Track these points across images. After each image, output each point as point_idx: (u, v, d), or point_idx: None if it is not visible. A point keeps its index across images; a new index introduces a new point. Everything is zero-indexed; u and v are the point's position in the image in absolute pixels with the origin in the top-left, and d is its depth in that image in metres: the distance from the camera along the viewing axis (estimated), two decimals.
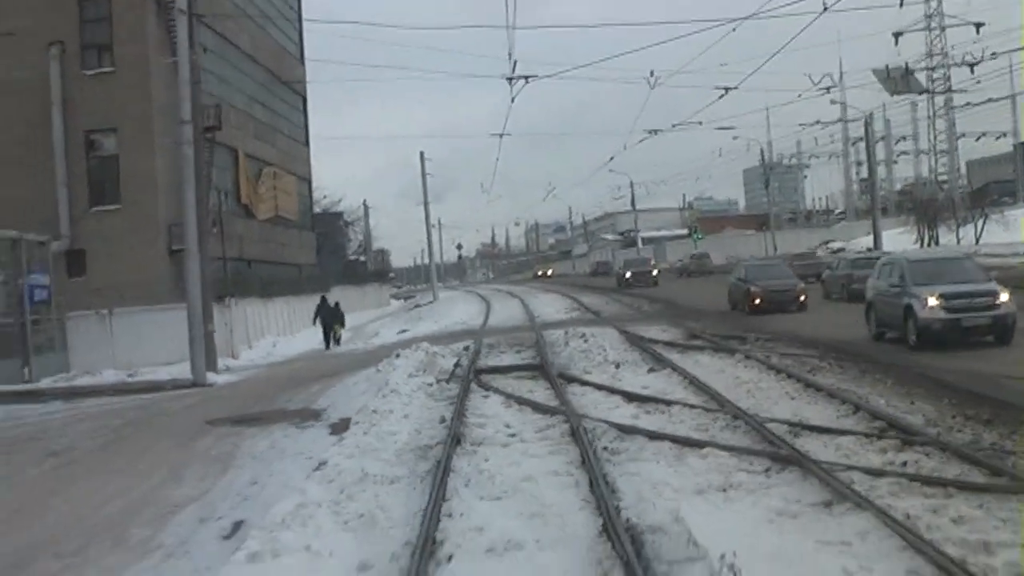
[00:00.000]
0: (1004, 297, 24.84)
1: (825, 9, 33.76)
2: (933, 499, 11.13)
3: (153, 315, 40.63)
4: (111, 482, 16.52)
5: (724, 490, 12.14)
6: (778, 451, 13.69)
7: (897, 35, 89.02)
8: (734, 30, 37.05)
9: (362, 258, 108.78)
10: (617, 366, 24.55)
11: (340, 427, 19.05)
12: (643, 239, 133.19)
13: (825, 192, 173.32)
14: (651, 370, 23.66)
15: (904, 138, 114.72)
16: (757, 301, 40.32)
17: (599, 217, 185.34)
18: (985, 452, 13.17)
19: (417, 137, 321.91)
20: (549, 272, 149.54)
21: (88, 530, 13.40)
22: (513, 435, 16.47)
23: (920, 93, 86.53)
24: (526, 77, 38.61)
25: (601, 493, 11.90)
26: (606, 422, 16.50)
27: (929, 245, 75.98)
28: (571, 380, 22.47)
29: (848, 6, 48.92)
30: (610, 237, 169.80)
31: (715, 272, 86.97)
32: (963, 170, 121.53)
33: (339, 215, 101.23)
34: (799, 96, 63.43)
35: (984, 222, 77.06)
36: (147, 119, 45.91)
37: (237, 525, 12.85)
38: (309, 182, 74.63)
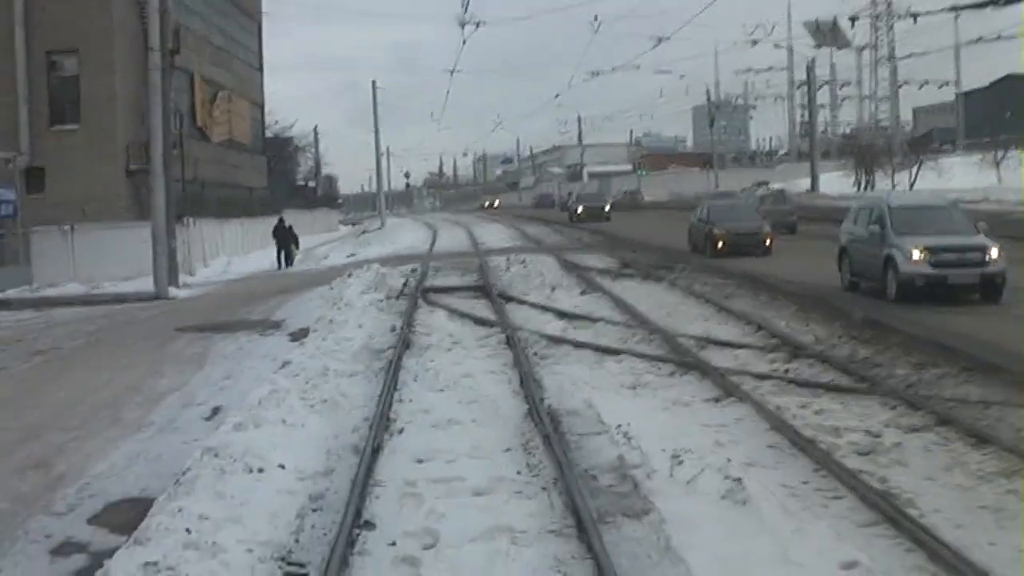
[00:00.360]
0: (995, 253, 22.60)
1: None
2: (803, 397, 13.49)
3: (113, 232, 42.34)
4: (98, 376, 18.61)
5: (633, 387, 14.49)
6: (683, 359, 16.02)
7: None
8: None
9: (311, 183, 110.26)
10: (553, 289, 26.81)
11: (300, 334, 21.15)
12: (589, 173, 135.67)
13: (772, 133, 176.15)
14: (583, 292, 26.00)
15: (847, 83, 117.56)
16: (720, 244, 37.05)
17: (547, 150, 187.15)
18: (857, 364, 15.53)
19: (371, 66, 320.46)
20: (496, 203, 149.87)
21: (86, 412, 15.50)
22: (456, 342, 18.74)
23: (840, 48, 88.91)
24: (477, 23, 40.64)
25: (528, 387, 14.18)
26: (538, 333, 18.84)
27: (866, 189, 78.69)
28: (510, 299, 24.69)
29: None
30: (557, 170, 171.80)
31: (645, 208, 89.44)
32: (909, 116, 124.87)
33: (289, 140, 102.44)
34: (734, 44, 65.66)
35: (919, 168, 79.63)
36: (108, 41, 47.40)
37: (216, 410, 14.97)
38: (262, 107, 76.23)
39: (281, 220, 50.17)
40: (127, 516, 10.10)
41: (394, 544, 8.63)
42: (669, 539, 8.28)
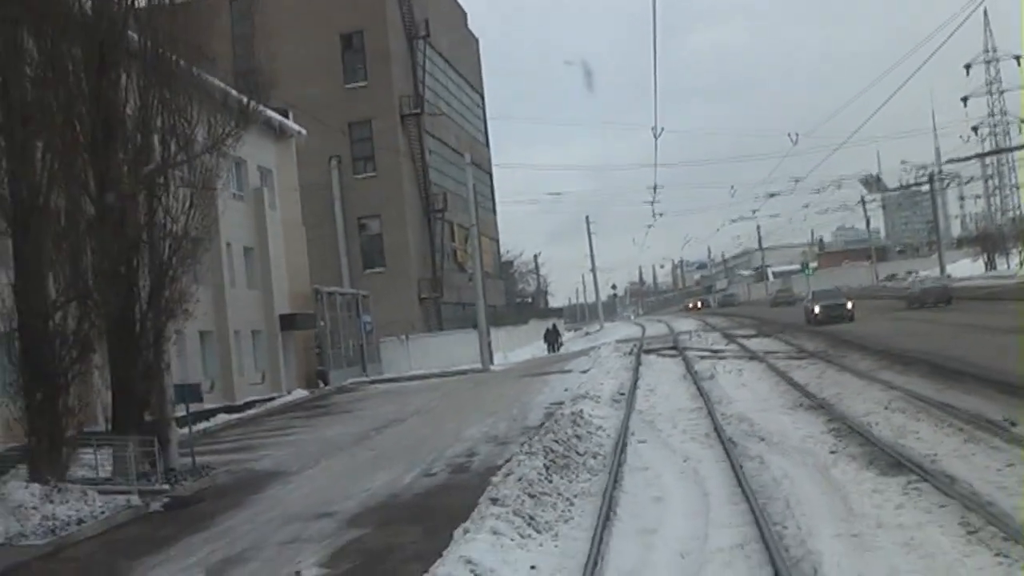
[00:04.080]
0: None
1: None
2: (792, 362, 38.78)
3: (432, 338, 69.21)
4: (499, 389, 44.20)
5: (728, 366, 39.94)
6: (755, 357, 41.72)
7: (965, 99, 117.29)
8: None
9: (528, 300, 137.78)
10: (711, 344, 52.64)
11: (585, 371, 46.31)
12: (773, 273, 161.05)
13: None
14: (727, 344, 51.78)
15: (991, 177, 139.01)
16: None
17: (737, 254, 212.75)
18: (821, 354, 40.69)
19: (569, 182, 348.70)
20: (699, 304, 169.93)
21: (513, 393, 40.91)
22: (660, 362, 44.63)
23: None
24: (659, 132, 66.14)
25: (687, 367, 40.03)
26: (696, 356, 44.66)
27: (987, 269, 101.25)
28: (687, 349, 50.18)
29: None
30: (745, 273, 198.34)
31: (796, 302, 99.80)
32: None
33: (510, 263, 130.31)
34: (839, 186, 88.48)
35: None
36: (400, 207, 74.25)
37: (567, 389, 40.13)
38: (498, 241, 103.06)
39: (554, 325, 77.59)
40: (558, 404, 35.45)
41: (645, 389, 34.31)
42: (718, 381, 34.00)
